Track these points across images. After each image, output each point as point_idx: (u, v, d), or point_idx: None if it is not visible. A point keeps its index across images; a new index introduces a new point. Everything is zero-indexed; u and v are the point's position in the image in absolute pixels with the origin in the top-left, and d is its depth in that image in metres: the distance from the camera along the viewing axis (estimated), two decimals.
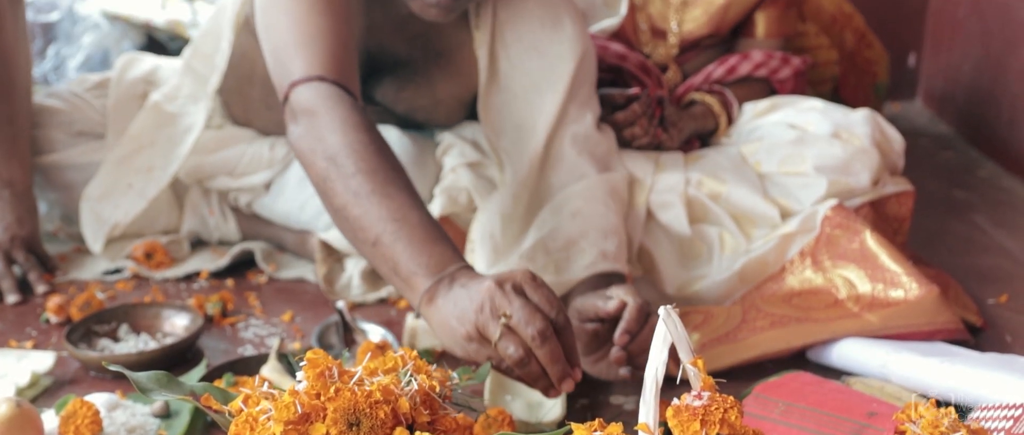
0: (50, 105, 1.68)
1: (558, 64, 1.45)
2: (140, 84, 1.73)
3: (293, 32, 1.27)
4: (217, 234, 1.73)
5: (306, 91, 1.23)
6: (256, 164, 1.67)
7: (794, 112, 1.65)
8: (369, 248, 1.13)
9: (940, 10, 2.84)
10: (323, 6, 1.28)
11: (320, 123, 1.20)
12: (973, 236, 1.84)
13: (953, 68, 2.70)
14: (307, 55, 1.26)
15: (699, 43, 1.81)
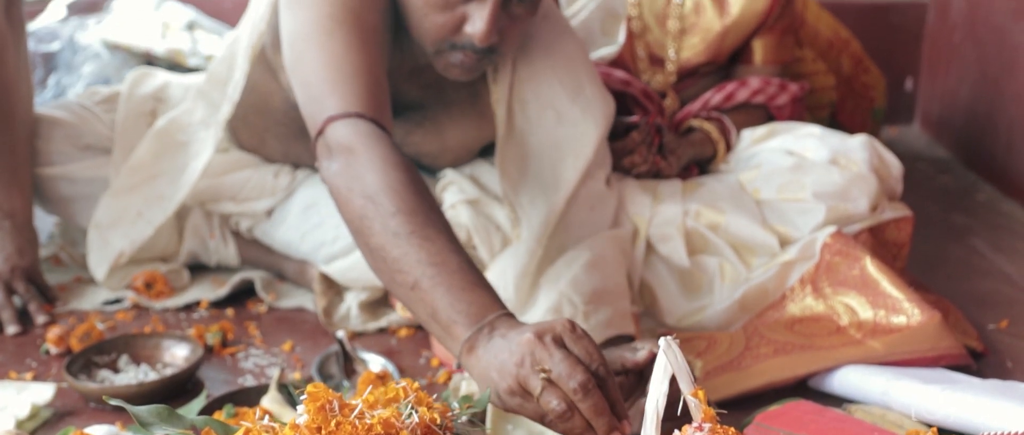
0: (58, 117, 1.67)
1: (583, 131, 1.45)
2: (149, 101, 1.73)
3: (329, 67, 1.26)
4: (216, 257, 1.73)
5: (343, 127, 1.21)
6: (260, 190, 1.67)
7: (792, 138, 1.66)
8: (407, 291, 1.10)
9: (936, 35, 2.86)
10: (360, 43, 1.28)
11: (358, 161, 1.18)
12: (972, 260, 1.84)
13: (950, 92, 2.72)
14: (344, 91, 1.24)
15: (697, 70, 1.82)
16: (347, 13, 1.29)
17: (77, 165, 1.66)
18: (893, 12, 2.96)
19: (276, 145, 1.65)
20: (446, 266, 1.08)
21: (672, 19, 1.78)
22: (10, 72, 1.58)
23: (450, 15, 1.30)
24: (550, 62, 1.45)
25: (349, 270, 1.54)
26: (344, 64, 1.26)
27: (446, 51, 1.33)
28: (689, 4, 1.78)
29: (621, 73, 1.76)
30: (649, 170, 1.61)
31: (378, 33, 1.33)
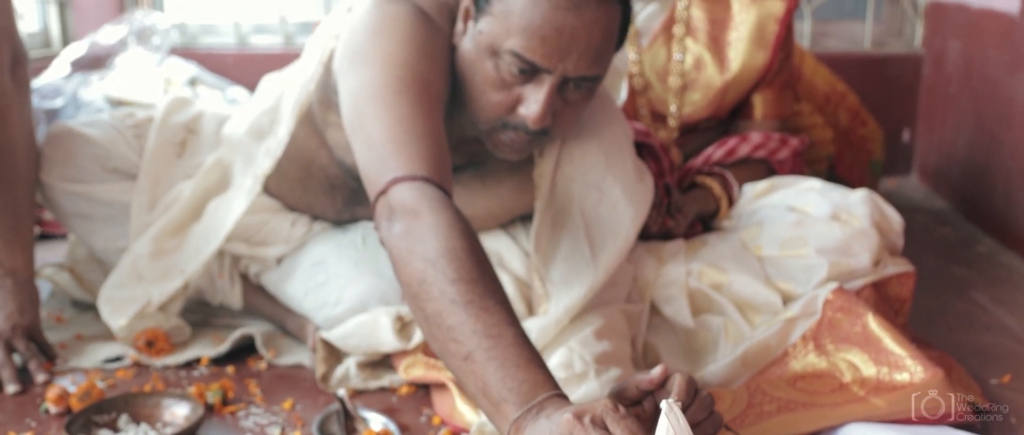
0: (89, 134, 1.67)
1: (625, 214, 1.46)
2: (181, 131, 1.73)
3: (396, 128, 1.25)
4: (220, 297, 1.72)
5: (408, 190, 1.20)
6: (274, 236, 1.67)
7: (793, 193, 1.67)
8: (460, 362, 1.08)
9: (932, 87, 2.88)
10: (427, 108, 1.28)
11: (421, 224, 1.16)
12: (973, 314, 1.84)
13: (947, 144, 2.73)
14: (410, 153, 1.23)
15: (698, 126, 1.83)
16: (415, 77, 1.30)
17: (102, 187, 1.66)
18: (889, 64, 2.98)
19: (303, 196, 1.66)
20: (502, 339, 1.06)
21: (673, 75, 1.80)
22: (13, 131, 1.59)
23: (507, 95, 1.32)
24: (599, 144, 1.47)
25: (349, 336, 1.53)
26: (411, 126, 1.25)
27: (499, 129, 1.35)
28: (690, 60, 1.80)
29: (640, 125, 1.78)
30: (659, 231, 1.61)
31: (441, 99, 1.33)
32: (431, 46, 1.35)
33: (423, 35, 1.35)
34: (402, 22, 1.34)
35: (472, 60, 1.34)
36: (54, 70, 2.80)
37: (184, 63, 2.92)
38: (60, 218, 1.71)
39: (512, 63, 1.29)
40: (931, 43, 2.91)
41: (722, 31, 1.78)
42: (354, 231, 1.67)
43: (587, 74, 1.30)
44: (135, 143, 1.70)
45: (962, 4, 2.65)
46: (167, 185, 1.69)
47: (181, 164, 1.71)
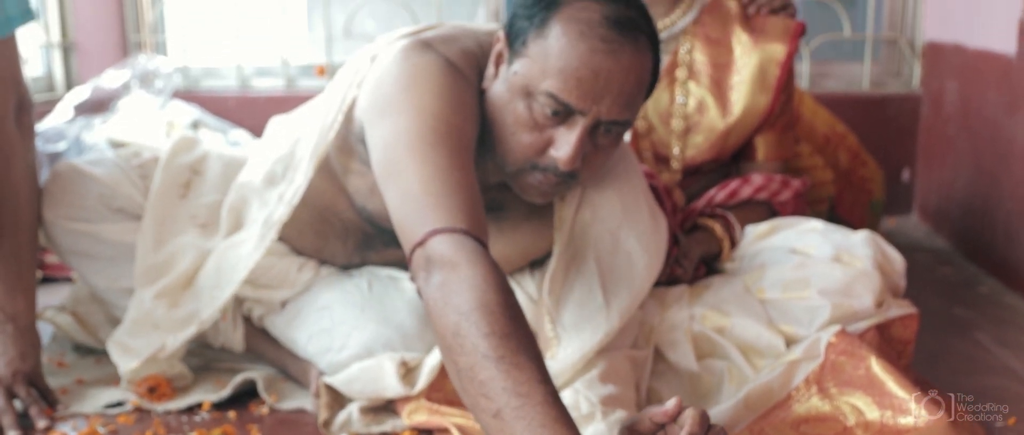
0: (95, 174, 1.67)
1: (641, 262, 1.48)
2: (185, 172, 1.73)
3: (434, 181, 1.26)
4: (222, 339, 1.71)
5: (447, 242, 1.19)
6: (281, 280, 1.67)
7: (795, 234, 1.67)
8: (489, 418, 1.08)
9: (931, 127, 2.89)
10: (461, 160, 1.29)
11: (459, 276, 1.16)
12: (976, 355, 1.83)
13: (947, 184, 2.74)
14: (449, 205, 1.23)
15: (701, 168, 1.84)
16: (450, 128, 1.31)
17: (106, 226, 1.65)
18: (888, 105, 3.00)
19: (314, 240, 1.66)
20: (531, 398, 1.06)
21: (676, 118, 1.81)
22: (17, 177, 1.60)
23: (538, 136, 1.33)
24: (617, 193, 1.49)
25: (353, 381, 1.53)
26: (448, 178, 1.26)
27: (527, 171, 1.36)
28: (692, 103, 1.81)
29: (644, 167, 1.78)
30: (667, 279, 1.62)
31: (472, 150, 1.34)
32: (461, 97, 1.36)
33: (453, 86, 1.35)
34: (433, 73, 1.35)
35: (504, 103, 1.35)
36: (57, 114, 2.82)
37: (186, 106, 2.94)
38: (62, 256, 1.70)
39: (547, 104, 1.30)
40: (929, 84, 2.93)
41: (724, 74, 1.80)
42: (359, 276, 1.66)
43: (619, 118, 1.32)
44: (140, 183, 1.71)
45: (959, 45, 2.67)
46: (171, 226, 1.68)
47: (186, 205, 1.71)
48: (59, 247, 1.69)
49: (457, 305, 1.13)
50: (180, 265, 1.64)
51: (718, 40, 1.80)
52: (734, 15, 1.81)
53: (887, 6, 3.09)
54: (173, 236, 1.67)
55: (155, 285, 1.62)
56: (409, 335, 1.56)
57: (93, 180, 1.66)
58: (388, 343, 1.56)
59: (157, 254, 1.65)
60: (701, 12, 1.81)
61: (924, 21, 3.00)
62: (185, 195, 1.71)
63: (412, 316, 1.55)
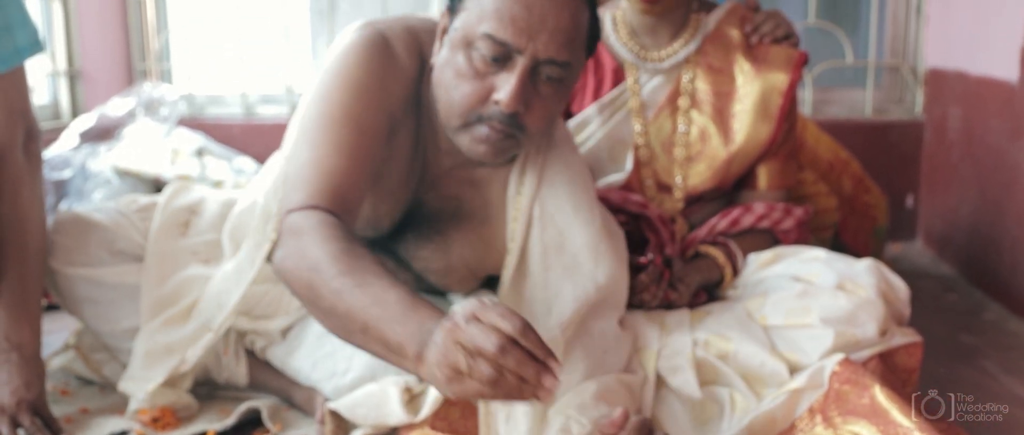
0: (95, 220, 1.69)
1: (584, 277, 1.49)
2: (184, 212, 1.76)
3: (310, 165, 1.34)
4: (226, 374, 1.72)
5: (298, 216, 1.28)
6: (274, 307, 1.67)
7: (798, 263, 1.67)
8: (361, 337, 1.17)
9: (934, 153, 2.90)
10: (349, 146, 1.35)
11: (303, 240, 1.24)
12: (983, 383, 1.82)
13: (951, 210, 2.74)
14: (313, 188, 1.31)
15: (704, 196, 1.84)
16: (345, 114, 1.37)
17: (109, 270, 1.67)
18: (891, 131, 3.00)
19: None
20: (386, 302, 1.14)
21: (678, 147, 1.81)
22: (25, 206, 1.60)
23: (480, 84, 1.36)
24: (570, 185, 1.51)
25: (357, 406, 1.53)
26: (325, 164, 1.34)
27: (474, 124, 1.39)
28: (695, 132, 1.81)
29: (638, 197, 1.79)
30: (659, 304, 1.61)
31: (375, 137, 1.40)
32: (375, 83, 1.41)
33: (369, 72, 1.41)
34: (352, 58, 1.41)
35: (446, 61, 1.40)
36: (63, 142, 2.83)
37: (191, 134, 2.95)
38: (68, 306, 1.73)
39: (485, 47, 1.35)
40: (932, 110, 2.94)
41: (726, 103, 1.80)
42: None
43: (557, 58, 1.35)
44: (140, 225, 1.73)
45: (961, 72, 2.67)
46: (173, 262, 1.70)
47: (187, 242, 1.73)
48: (64, 296, 1.70)
49: (306, 264, 1.22)
50: (186, 295, 1.66)
51: (720, 69, 1.81)
52: (737, 44, 1.81)
53: (889, 33, 3.10)
54: (176, 271, 1.69)
55: (162, 314, 1.64)
56: None
57: (94, 226, 1.69)
58: None
59: (162, 288, 1.67)
60: (703, 41, 1.82)
61: (926, 48, 3.00)
62: (185, 233, 1.73)
63: None
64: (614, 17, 1.86)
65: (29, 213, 1.62)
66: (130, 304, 1.67)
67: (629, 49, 1.83)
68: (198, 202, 1.80)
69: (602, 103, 1.83)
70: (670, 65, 1.82)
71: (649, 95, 1.82)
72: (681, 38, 1.81)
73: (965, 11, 2.70)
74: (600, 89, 1.85)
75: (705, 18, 1.83)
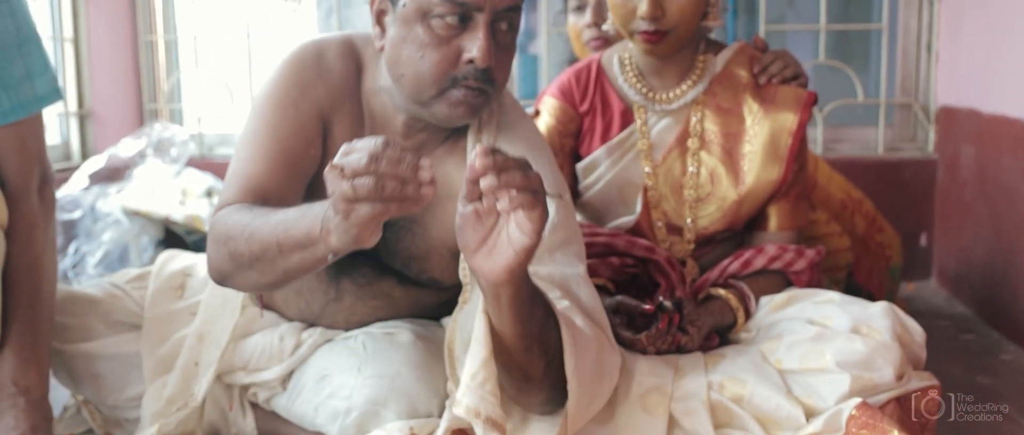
0: (92, 295, 1.71)
1: None
2: (178, 276, 1.78)
3: (232, 175, 1.47)
4: (234, 429, 1.71)
5: (218, 215, 1.39)
6: (268, 358, 1.66)
7: (812, 305, 1.65)
8: (281, 259, 1.26)
9: (947, 192, 2.88)
10: (267, 154, 1.47)
11: (218, 224, 1.36)
12: (1002, 427, 1.79)
13: (965, 249, 2.71)
14: (232, 191, 1.43)
15: (714, 237, 1.82)
16: (265, 125, 1.49)
17: (105, 341, 1.67)
18: (903, 169, 2.99)
19: (295, 299, 1.68)
20: (285, 216, 1.26)
21: (688, 189, 1.80)
22: (38, 250, 1.60)
23: (447, 50, 1.40)
24: (527, 142, 1.55)
25: None
26: (245, 171, 1.46)
27: (448, 90, 1.42)
28: (705, 174, 1.80)
29: (644, 241, 1.77)
30: (670, 348, 1.59)
31: (295, 140, 1.50)
32: (296, 91, 1.51)
33: (292, 82, 1.52)
34: (277, 73, 1.53)
35: (402, 38, 1.42)
36: (73, 183, 2.84)
37: (200, 174, 2.96)
38: (70, 384, 1.73)
39: (446, 12, 1.38)
40: (944, 148, 2.92)
41: (735, 144, 1.79)
42: (354, 339, 1.65)
43: (513, 3, 1.40)
44: (135, 295, 1.75)
45: (974, 110, 2.66)
46: (171, 323, 1.72)
47: (182, 304, 1.75)
48: (66, 375, 1.71)
49: (222, 232, 1.34)
50: (187, 352, 1.66)
51: (729, 109, 1.80)
52: (745, 84, 1.81)
53: (899, 71, 3.10)
54: (175, 331, 1.70)
55: (167, 374, 1.65)
56: (408, 382, 1.54)
57: (88, 300, 1.70)
58: (391, 391, 1.54)
59: (162, 348, 1.68)
60: (711, 82, 1.81)
61: (937, 85, 3.00)
62: (181, 296, 1.75)
63: (408, 365, 1.54)
64: (622, 59, 1.86)
65: (42, 257, 1.62)
66: (132, 372, 1.68)
67: (637, 91, 1.82)
68: (190, 266, 1.82)
69: (611, 145, 1.82)
70: (678, 106, 1.81)
71: (658, 136, 1.82)
72: (689, 79, 1.81)
73: (975, 49, 2.69)
74: (608, 131, 1.84)
75: (713, 59, 1.82)
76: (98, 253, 2.69)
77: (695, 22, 1.71)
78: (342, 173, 1.09)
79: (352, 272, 1.61)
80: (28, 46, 1.57)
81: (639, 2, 1.68)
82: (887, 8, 3.03)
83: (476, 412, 1.23)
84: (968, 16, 2.76)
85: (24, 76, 1.56)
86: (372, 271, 1.61)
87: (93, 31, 3.24)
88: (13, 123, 1.56)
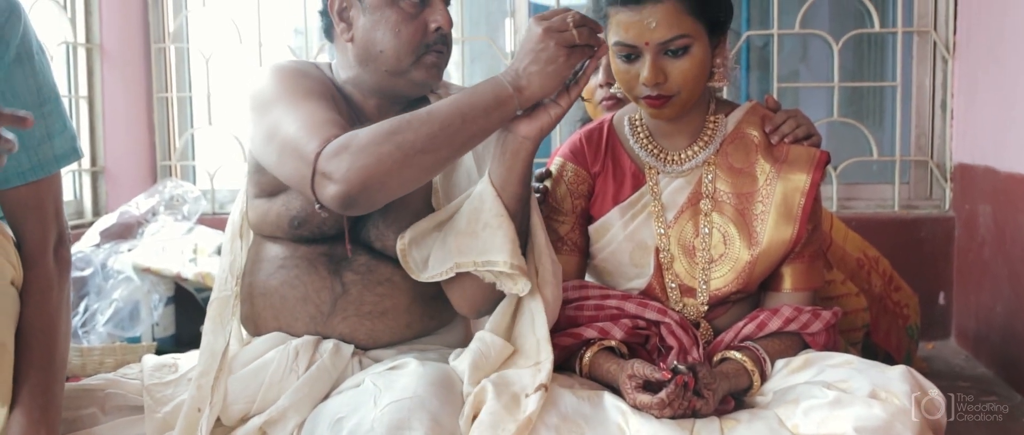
0: (85, 386, 1.72)
1: None
2: (168, 359, 1.84)
3: (301, 123, 1.57)
4: None
5: (330, 146, 1.50)
6: (274, 394, 1.67)
7: (829, 369, 1.61)
8: (467, 126, 1.49)
9: (965, 250, 2.84)
10: (320, 101, 1.64)
11: (356, 138, 1.49)
12: None
13: (985, 309, 2.67)
14: (322, 133, 1.54)
15: (728, 299, 1.79)
16: (297, 90, 1.65)
17: (104, 426, 1.66)
18: (920, 227, 2.96)
19: (305, 310, 1.74)
20: (459, 96, 1.51)
21: (701, 250, 1.78)
22: (53, 311, 1.60)
23: (416, 23, 1.70)
24: None
25: None
26: (313, 116, 1.58)
27: (423, 55, 1.71)
28: (717, 235, 1.77)
29: (657, 303, 1.75)
30: (685, 412, 1.55)
31: (335, 100, 1.72)
32: (303, 75, 1.71)
33: (294, 69, 1.72)
34: (276, 72, 1.71)
35: (375, 22, 1.71)
36: (85, 240, 2.83)
37: (211, 232, 2.95)
38: None
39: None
40: (961, 206, 2.89)
41: (748, 204, 1.77)
42: (362, 383, 1.65)
43: None
44: (132, 382, 1.76)
45: (990, 168, 2.64)
46: (171, 389, 1.74)
47: (179, 374, 1.78)
48: None
49: (378, 139, 1.47)
50: (189, 401, 1.67)
51: (741, 169, 1.78)
52: (757, 144, 1.79)
53: (914, 128, 3.08)
54: (175, 396, 1.72)
55: (170, 432, 1.65)
56: (428, 400, 1.54)
57: (86, 392, 1.71)
58: (413, 411, 1.53)
59: (165, 408, 1.70)
60: (723, 142, 1.80)
61: (952, 143, 2.98)
62: (176, 371, 1.79)
63: (424, 385, 1.55)
64: (632, 120, 1.85)
65: (56, 319, 1.61)
66: None
67: (648, 152, 1.81)
68: (176, 358, 1.87)
69: (622, 206, 1.80)
70: (689, 167, 1.79)
71: (669, 197, 1.80)
72: (700, 140, 1.79)
73: (990, 107, 2.68)
74: (620, 192, 1.82)
75: (723, 119, 1.81)
76: (108, 311, 2.68)
77: (699, 85, 1.70)
78: (551, 30, 1.47)
79: (352, 263, 1.75)
80: (49, 107, 1.58)
81: (641, 68, 1.67)
82: (900, 65, 3.02)
83: (520, 267, 1.59)
84: (982, 74, 2.75)
85: (44, 136, 1.57)
86: (369, 258, 1.76)
87: (107, 89, 3.27)
88: (32, 182, 1.56)
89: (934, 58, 3.03)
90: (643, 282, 1.78)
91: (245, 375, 1.70)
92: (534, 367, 1.61)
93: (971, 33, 2.85)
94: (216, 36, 3.48)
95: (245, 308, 1.82)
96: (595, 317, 1.75)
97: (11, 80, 1.53)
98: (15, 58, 1.53)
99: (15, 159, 1.55)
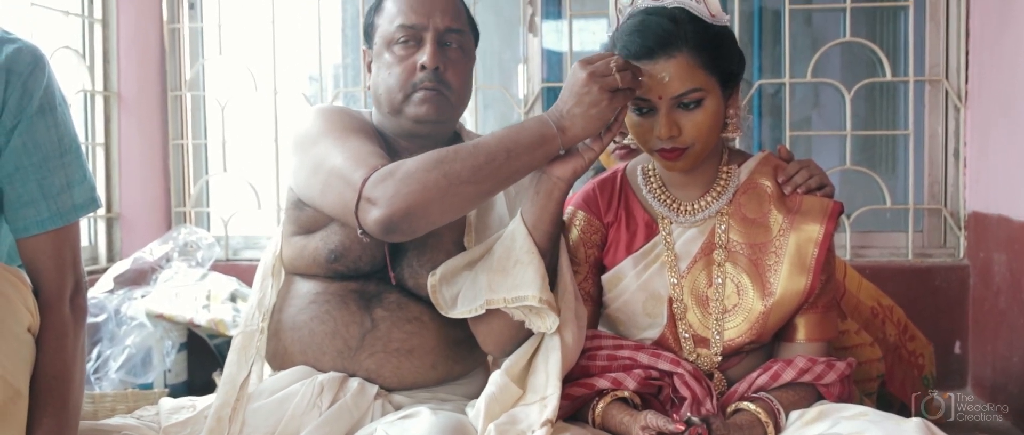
0: (105, 427, 1.71)
1: None
2: (184, 401, 1.85)
3: (348, 156, 1.65)
4: None
5: (377, 174, 1.57)
6: (306, 407, 1.68)
7: (843, 420, 1.59)
8: (511, 162, 1.56)
9: (980, 299, 2.82)
10: (365, 138, 1.72)
11: (403, 165, 1.56)
12: None
13: (1002, 358, 2.65)
14: (367, 163, 1.62)
15: (741, 349, 1.79)
16: (343, 127, 1.74)
17: None
18: (934, 275, 2.94)
19: (333, 344, 1.75)
20: (505, 132, 1.59)
21: (714, 300, 1.77)
22: (68, 359, 1.60)
23: (407, 64, 1.81)
24: None
25: None
26: (360, 150, 1.66)
27: (411, 93, 1.81)
28: (730, 285, 1.77)
29: (669, 354, 1.74)
30: None
31: (377, 138, 1.79)
32: (348, 112, 1.83)
33: (338, 109, 1.84)
34: (320, 114, 1.80)
35: (377, 68, 1.85)
36: (98, 286, 2.84)
37: (225, 278, 2.96)
38: None
39: (399, 35, 1.81)
40: (975, 254, 2.88)
41: (762, 255, 1.76)
42: (374, 426, 1.66)
43: (453, 26, 1.83)
44: (150, 422, 1.77)
45: (1004, 217, 2.63)
46: (189, 426, 1.75)
47: (196, 413, 1.79)
48: None
49: (424, 166, 1.54)
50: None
51: (754, 220, 1.78)
52: (770, 194, 1.79)
53: (927, 176, 3.08)
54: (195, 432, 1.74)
55: None
56: (446, 430, 1.57)
57: (101, 433, 1.71)
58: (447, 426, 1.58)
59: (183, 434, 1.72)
60: (736, 192, 1.80)
61: (966, 191, 2.97)
62: (193, 409, 1.80)
63: (434, 431, 1.56)
64: (645, 170, 1.86)
65: (71, 366, 1.61)
66: None
67: (661, 202, 1.81)
68: (192, 401, 1.88)
69: (636, 256, 1.80)
70: (702, 217, 1.79)
71: (682, 247, 1.79)
72: (713, 191, 1.80)
73: (1002, 155, 2.67)
74: (633, 242, 1.82)
75: (736, 169, 1.81)
76: (121, 357, 2.68)
77: (713, 136, 1.71)
78: (594, 74, 1.52)
79: (383, 300, 1.79)
80: (69, 157, 1.60)
81: (655, 122, 1.68)
82: (913, 114, 3.03)
83: (550, 302, 1.63)
84: (995, 123, 2.75)
85: (64, 186, 1.59)
86: (401, 296, 1.80)
87: (124, 135, 3.30)
88: (50, 231, 1.58)
89: (946, 106, 3.03)
90: (656, 332, 1.77)
91: (268, 405, 1.71)
92: (540, 402, 1.61)
93: (983, 82, 2.85)
94: (232, 84, 3.51)
95: (272, 344, 1.82)
96: (608, 367, 1.74)
97: (33, 130, 1.55)
98: (38, 109, 1.55)
99: (35, 207, 1.57)
